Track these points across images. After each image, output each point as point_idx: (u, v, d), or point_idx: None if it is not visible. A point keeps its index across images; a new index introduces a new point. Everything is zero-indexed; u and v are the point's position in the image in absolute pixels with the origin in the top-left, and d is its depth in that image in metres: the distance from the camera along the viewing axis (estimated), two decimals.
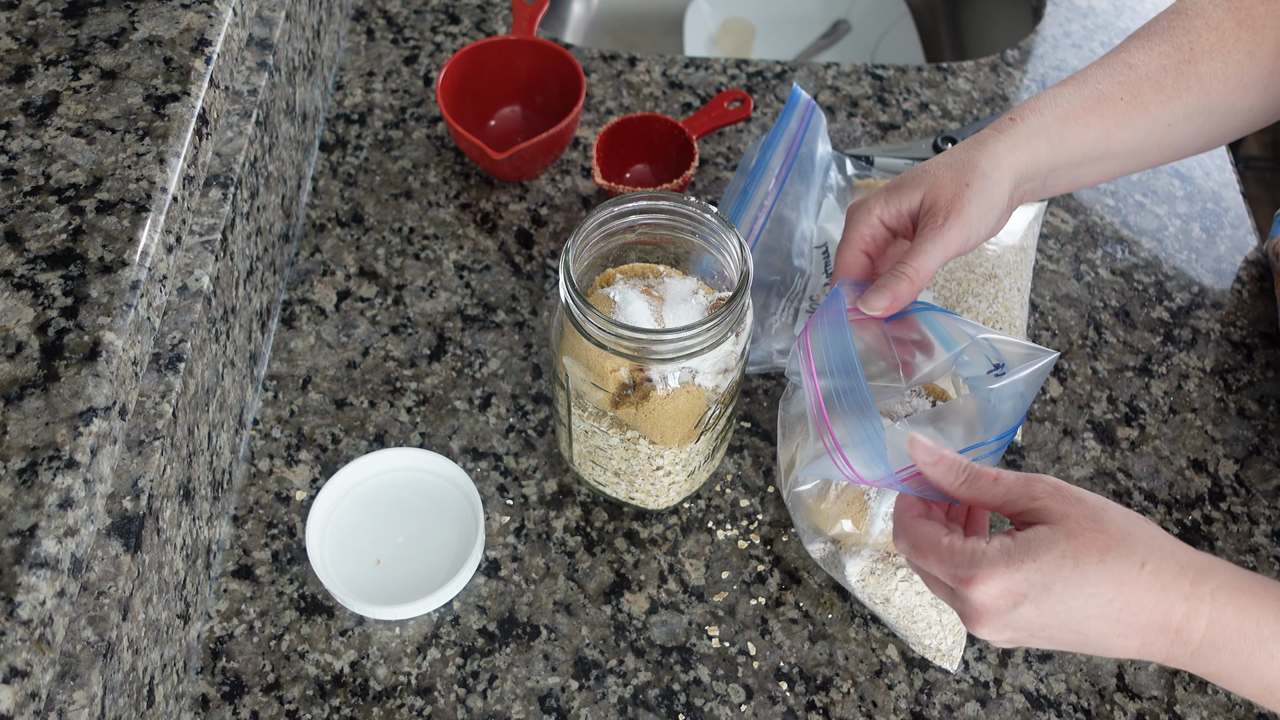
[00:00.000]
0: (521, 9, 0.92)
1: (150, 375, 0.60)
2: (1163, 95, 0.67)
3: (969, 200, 0.62)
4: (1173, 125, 0.68)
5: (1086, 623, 0.51)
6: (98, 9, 0.66)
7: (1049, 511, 0.52)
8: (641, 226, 0.64)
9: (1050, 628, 0.52)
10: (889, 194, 0.65)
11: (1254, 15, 0.68)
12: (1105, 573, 0.50)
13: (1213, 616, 0.50)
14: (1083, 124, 0.66)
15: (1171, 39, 0.68)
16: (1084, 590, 0.50)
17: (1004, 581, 0.50)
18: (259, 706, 0.65)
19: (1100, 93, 0.67)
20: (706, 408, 0.64)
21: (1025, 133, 0.65)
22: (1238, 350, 0.83)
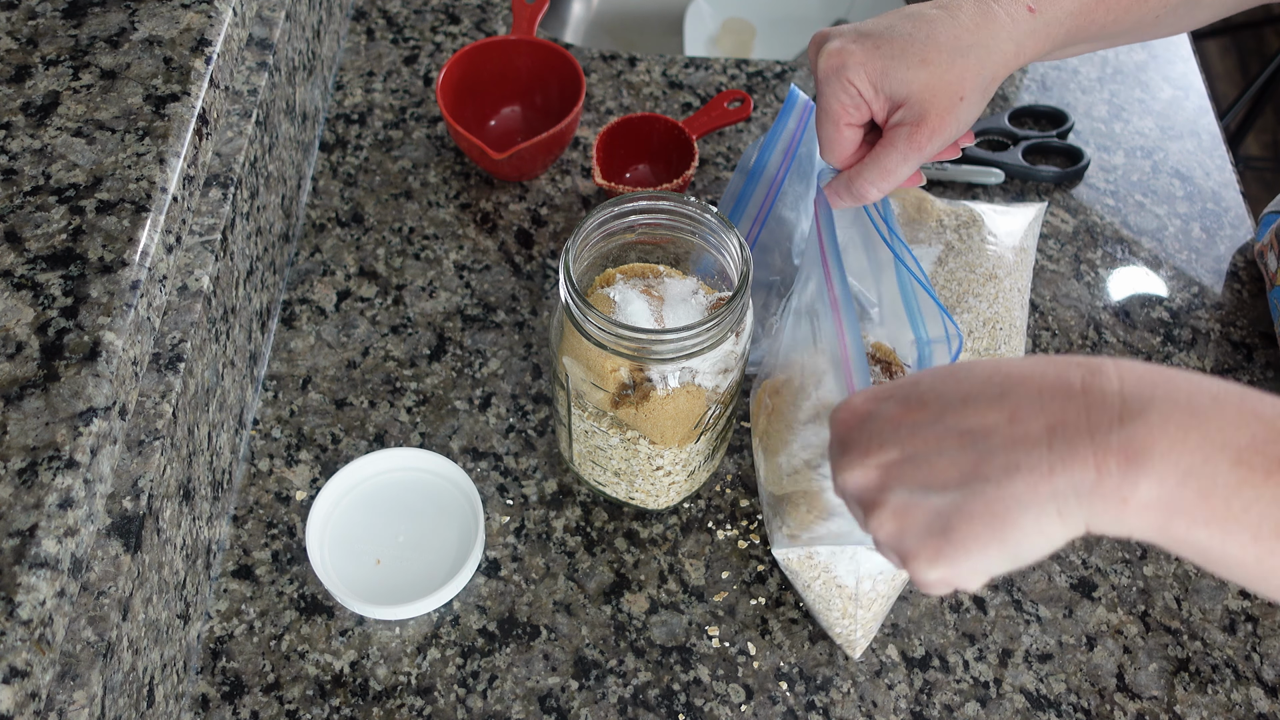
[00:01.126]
0: (521, 9, 0.92)
1: (150, 375, 0.60)
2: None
3: (956, 115, 0.57)
4: (1161, 17, 0.63)
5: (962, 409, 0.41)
6: (98, 9, 0.66)
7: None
8: (641, 226, 0.64)
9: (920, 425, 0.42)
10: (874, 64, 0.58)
11: None
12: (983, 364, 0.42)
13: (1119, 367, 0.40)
14: (1089, 18, 0.60)
15: None
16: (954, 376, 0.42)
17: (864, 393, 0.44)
18: (259, 706, 0.65)
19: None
20: (706, 408, 0.64)
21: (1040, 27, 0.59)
22: (1238, 350, 0.83)
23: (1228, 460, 0.37)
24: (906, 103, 0.58)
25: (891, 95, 0.58)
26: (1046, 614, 0.71)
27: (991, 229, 0.81)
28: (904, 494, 0.42)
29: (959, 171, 0.91)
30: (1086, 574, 0.72)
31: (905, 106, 0.58)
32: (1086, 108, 0.98)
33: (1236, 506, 0.37)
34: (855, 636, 0.67)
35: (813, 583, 0.66)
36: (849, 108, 0.60)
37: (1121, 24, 0.63)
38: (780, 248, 0.80)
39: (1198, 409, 0.38)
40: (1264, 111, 1.89)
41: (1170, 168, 0.94)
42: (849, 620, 0.66)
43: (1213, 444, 0.37)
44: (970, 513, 0.40)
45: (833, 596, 0.66)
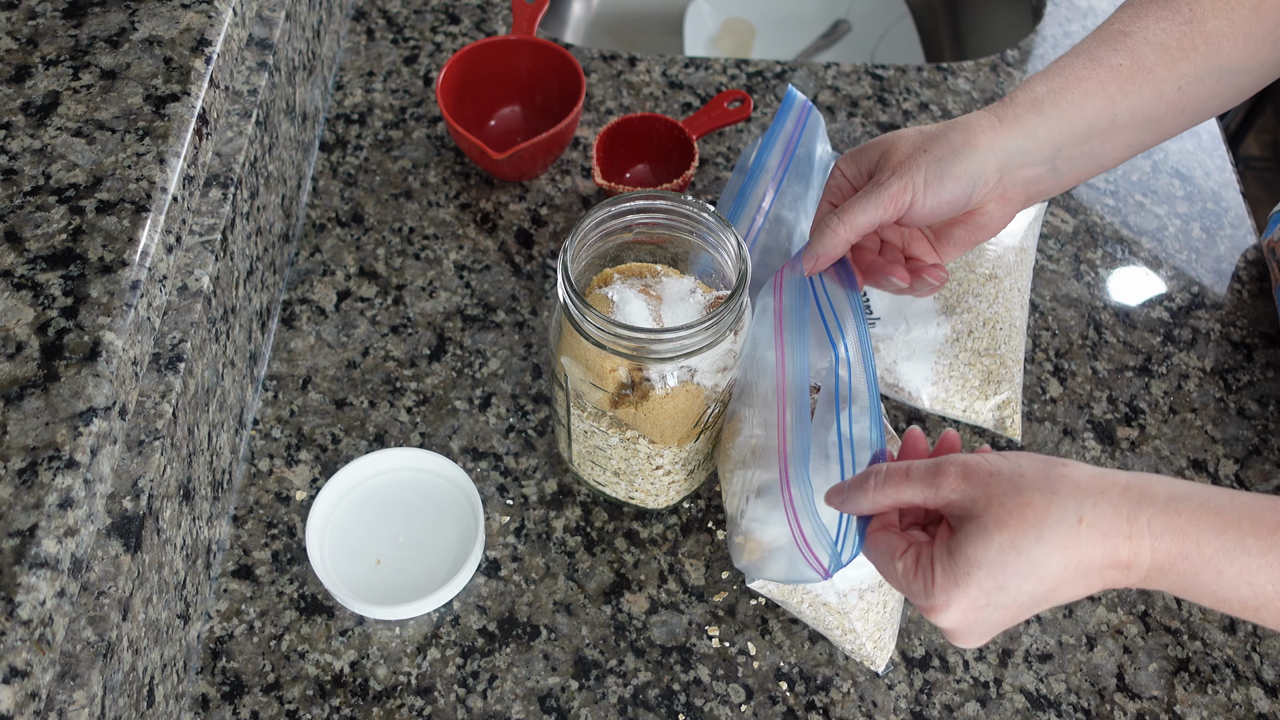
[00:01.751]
0: (521, 9, 0.92)
1: (150, 375, 0.60)
2: (1167, 57, 0.62)
3: (920, 164, 0.60)
4: (1183, 88, 0.63)
5: (1050, 595, 0.50)
6: (98, 9, 0.66)
7: (968, 502, 0.50)
8: (639, 226, 0.64)
9: (1022, 612, 0.51)
10: (856, 152, 0.64)
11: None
12: (1049, 548, 0.48)
13: (1154, 547, 0.49)
14: (1081, 93, 0.62)
15: (1168, 3, 0.63)
16: (1035, 574, 0.49)
17: (961, 603, 0.50)
18: (259, 706, 0.65)
19: (1096, 59, 0.62)
20: (706, 406, 0.64)
21: (1014, 111, 0.62)
22: (1238, 350, 0.83)
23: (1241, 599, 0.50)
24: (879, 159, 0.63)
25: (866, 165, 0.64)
26: (1046, 614, 0.71)
27: None
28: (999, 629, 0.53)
29: None
30: None
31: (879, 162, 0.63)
32: None
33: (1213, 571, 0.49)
34: (866, 650, 0.66)
35: (801, 606, 0.66)
36: (833, 189, 0.65)
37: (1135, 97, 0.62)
38: (779, 248, 0.80)
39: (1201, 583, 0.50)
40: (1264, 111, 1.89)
41: (1170, 168, 0.94)
42: (851, 636, 0.65)
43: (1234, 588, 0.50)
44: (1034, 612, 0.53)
45: (824, 616, 0.65)
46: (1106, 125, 0.63)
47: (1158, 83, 0.62)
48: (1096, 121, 0.62)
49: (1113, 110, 0.62)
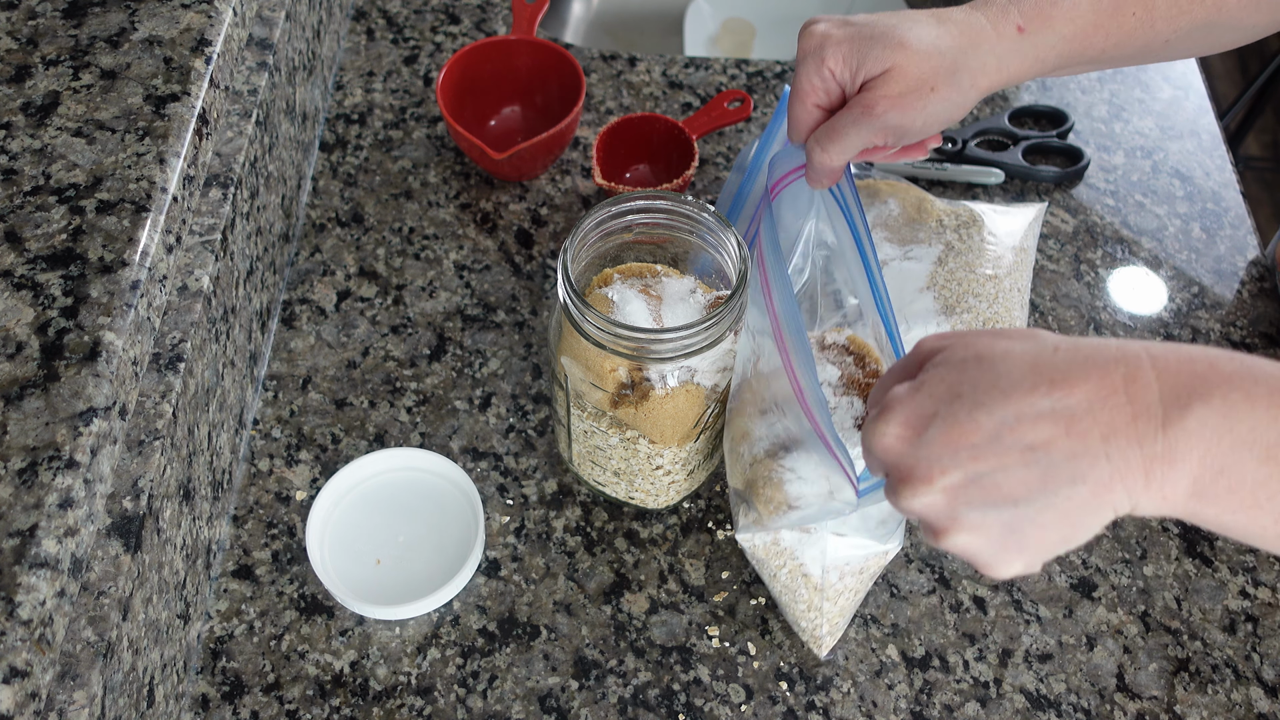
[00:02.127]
0: (521, 9, 0.92)
1: (150, 375, 0.60)
2: (1174, 10, 0.61)
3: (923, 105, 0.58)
4: (1171, 41, 0.63)
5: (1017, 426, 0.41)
6: (98, 9, 0.66)
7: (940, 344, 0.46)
8: (639, 226, 0.64)
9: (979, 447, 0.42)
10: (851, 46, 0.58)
11: None
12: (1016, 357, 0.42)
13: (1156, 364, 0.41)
14: (1087, 43, 0.60)
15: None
16: (997, 385, 0.42)
17: (901, 412, 0.43)
18: (259, 706, 0.65)
19: (1116, 4, 0.60)
20: (706, 406, 0.64)
21: (1029, 49, 0.59)
22: (1238, 350, 0.83)
23: (1256, 457, 0.40)
24: (876, 76, 0.58)
25: (867, 75, 0.58)
26: (1046, 614, 0.71)
27: (991, 229, 0.81)
28: (975, 514, 0.43)
29: (959, 171, 0.91)
30: (1086, 574, 0.72)
31: (874, 79, 0.58)
32: (1086, 108, 0.98)
33: (1262, 496, 0.41)
34: (821, 632, 0.67)
35: (779, 571, 0.66)
36: (819, 89, 0.60)
37: (1125, 48, 0.62)
38: None
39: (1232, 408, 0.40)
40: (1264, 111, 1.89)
41: (1170, 168, 0.94)
42: (815, 614, 0.66)
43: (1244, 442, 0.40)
44: (1044, 522, 0.43)
45: (799, 587, 0.65)
46: (1087, 62, 0.62)
47: (1149, 37, 0.62)
48: (1078, 60, 0.61)
49: (1100, 58, 0.62)
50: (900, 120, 0.58)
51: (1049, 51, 0.60)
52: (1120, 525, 0.74)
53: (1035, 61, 0.60)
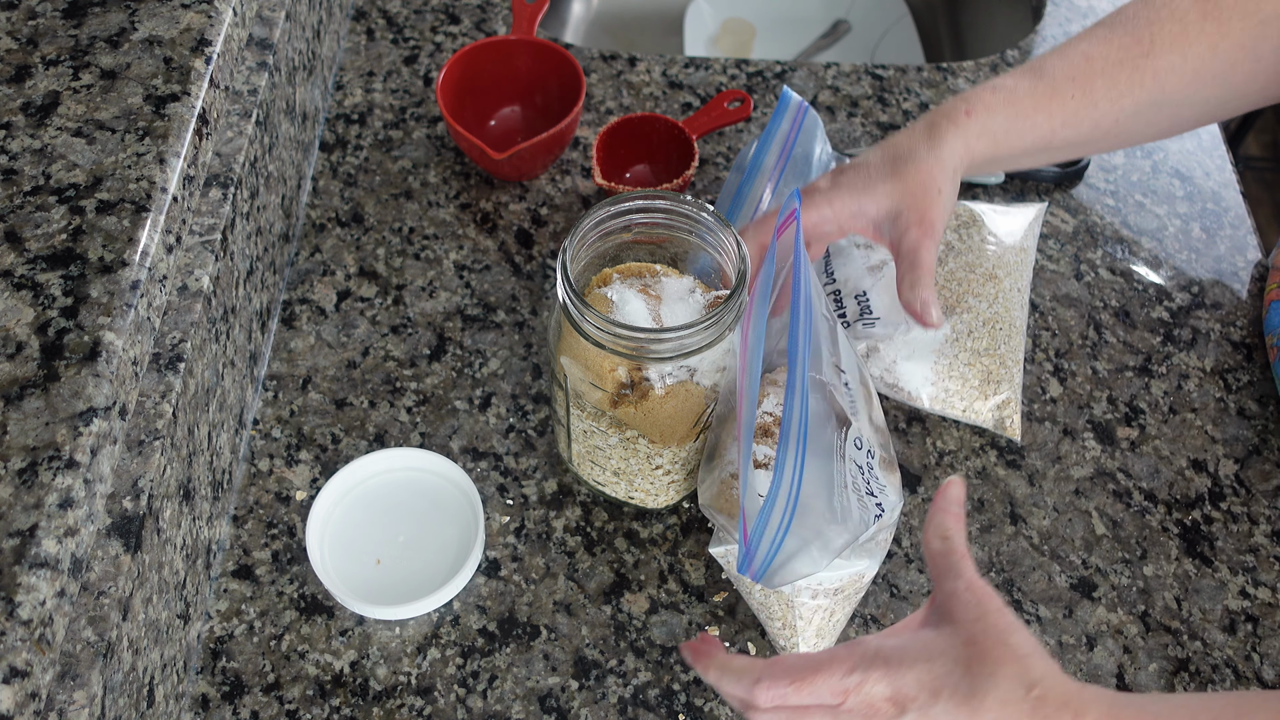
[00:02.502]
0: (521, 9, 0.92)
1: (150, 375, 0.60)
2: (1115, 91, 0.67)
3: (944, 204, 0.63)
4: (1120, 120, 0.68)
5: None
6: (98, 9, 0.66)
7: (962, 606, 0.49)
8: (638, 226, 0.64)
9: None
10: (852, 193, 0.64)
11: (1221, 6, 0.67)
12: (992, 689, 0.46)
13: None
14: (1030, 121, 0.66)
15: (1134, 30, 0.67)
16: (968, 706, 0.46)
17: (894, 682, 0.47)
18: (259, 706, 0.65)
19: (1053, 87, 0.67)
20: (705, 406, 0.64)
21: (977, 129, 0.65)
22: (1238, 350, 0.83)
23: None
24: (889, 213, 0.64)
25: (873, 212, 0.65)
26: (1046, 614, 0.71)
27: (991, 229, 0.81)
28: None
29: None
30: (1086, 574, 0.72)
31: (891, 217, 0.64)
32: None
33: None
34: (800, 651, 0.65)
35: (753, 589, 0.65)
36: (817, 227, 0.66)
37: (1075, 128, 0.67)
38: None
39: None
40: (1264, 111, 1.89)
41: (1170, 168, 0.94)
42: (790, 632, 0.64)
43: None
44: None
45: (772, 604, 0.64)
46: (1042, 147, 0.68)
47: (1098, 116, 0.67)
48: (1034, 145, 0.68)
49: (1051, 137, 0.68)
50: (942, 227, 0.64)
51: (1000, 133, 0.66)
52: (1120, 525, 0.74)
53: (990, 141, 0.66)
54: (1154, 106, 0.68)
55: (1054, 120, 0.67)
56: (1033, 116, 0.66)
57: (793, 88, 0.97)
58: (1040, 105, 0.67)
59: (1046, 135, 0.67)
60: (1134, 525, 0.75)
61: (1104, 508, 0.75)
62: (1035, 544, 0.73)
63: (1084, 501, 0.75)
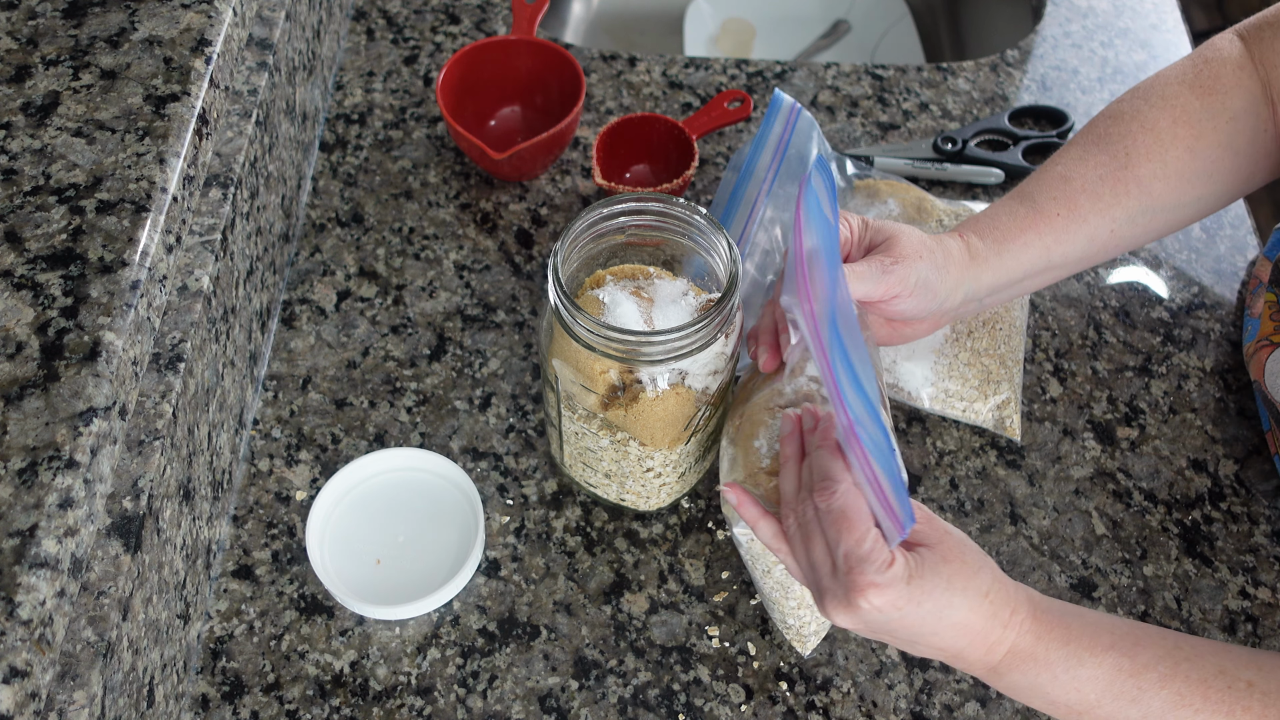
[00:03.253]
0: (521, 9, 0.92)
1: (150, 375, 0.61)
2: (1100, 204, 0.68)
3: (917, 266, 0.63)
4: (1115, 230, 0.69)
5: (928, 638, 0.55)
6: (98, 9, 0.66)
7: (928, 537, 0.55)
8: (631, 228, 0.64)
9: (895, 633, 0.55)
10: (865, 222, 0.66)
11: (1189, 110, 0.68)
12: (964, 599, 0.54)
13: (1015, 642, 0.55)
14: (1020, 244, 0.68)
15: (1108, 147, 0.69)
16: (943, 614, 0.54)
17: (894, 594, 0.53)
18: (259, 706, 0.65)
19: (1036, 209, 0.68)
20: (696, 409, 0.64)
21: (969, 254, 0.67)
22: (1238, 350, 0.83)
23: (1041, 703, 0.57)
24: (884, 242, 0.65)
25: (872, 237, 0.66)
26: None
27: None
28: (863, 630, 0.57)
29: (959, 171, 0.91)
30: (1086, 574, 0.72)
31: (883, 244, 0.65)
32: (1086, 108, 0.98)
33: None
34: (808, 631, 0.66)
35: (773, 568, 0.65)
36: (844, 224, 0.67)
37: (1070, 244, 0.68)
38: (775, 248, 0.80)
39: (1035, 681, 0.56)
40: None
41: None
42: (805, 611, 0.65)
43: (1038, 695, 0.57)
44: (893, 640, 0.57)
45: (792, 583, 0.65)
46: (1041, 269, 0.69)
47: (1091, 230, 0.68)
48: (1032, 267, 0.69)
49: (1048, 257, 0.68)
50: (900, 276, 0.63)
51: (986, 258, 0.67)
52: (1120, 525, 0.74)
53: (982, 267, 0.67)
54: (1145, 213, 0.69)
55: (1045, 239, 0.68)
56: (1021, 237, 0.68)
57: (793, 88, 0.97)
58: (1026, 226, 0.68)
59: (1041, 255, 0.68)
60: (1134, 525, 0.75)
61: (1104, 508, 0.75)
62: (1035, 544, 0.73)
63: (1084, 501, 0.75)
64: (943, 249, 0.66)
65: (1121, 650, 0.55)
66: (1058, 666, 0.55)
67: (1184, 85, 0.69)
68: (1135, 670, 0.55)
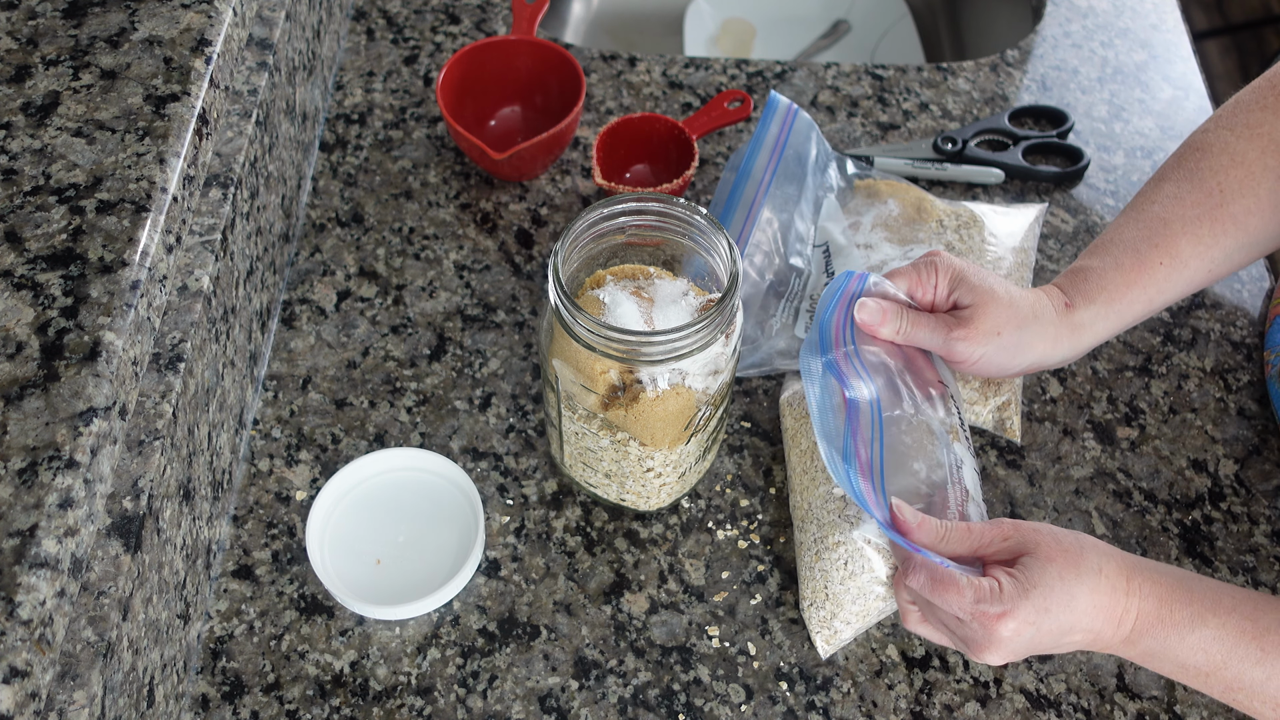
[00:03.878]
0: (521, 9, 0.92)
1: (150, 375, 0.60)
2: (1200, 246, 0.68)
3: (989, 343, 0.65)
4: (1212, 269, 0.69)
5: (1069, 633, 0.58)
6: (98, 9, 0.66)
7: (1024, 544, 0.58)
8: (631, 228, 0.64)
9: (1044, 641, 0.58)
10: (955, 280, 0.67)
11: (1275, 137, 0.67)
12: (1081, 586, 0.57)
13: (1140, 607, 0.57)
14: (1127, 302, 0.68)
15: (1200, 182, 0.68)
16: (1071, 606, 0.56)
17: (1020, 614, 0.56)
18: (259, 706, 0.65)
19: (1140, 260, 0.68)
20: (696, 409, 0.64)
21: (1073, 325, 0.68)
22: (1238, 350, 0.83)
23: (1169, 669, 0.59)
24: (966, 309, 0.67)
25: (958, 300, 0.67)
26: None
27: (992, 230, 0.81)
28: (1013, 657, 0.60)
29: (959, 171, 0.91)
30: None
31: (961, 310, 0.67)
32: (1086, 108, 0.98)
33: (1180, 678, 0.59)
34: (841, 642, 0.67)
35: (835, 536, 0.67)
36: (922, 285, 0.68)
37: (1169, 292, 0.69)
38: (775, 249, 0.80)
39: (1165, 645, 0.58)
40: None
41: None
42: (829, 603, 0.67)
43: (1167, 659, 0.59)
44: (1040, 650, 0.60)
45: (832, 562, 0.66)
46: (1144, 314, 0.70)
47: (1191, 273, 0.69)
48: (1139, 316, 0.70)
49: (1150, 307, 0.69)
50: (964, 351, 0.66)
51: (1097, 323, 0.68)
52: (1120, 525, 0.74)
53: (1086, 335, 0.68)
54: (1241, 249, 0.69)
55: (1149, 290, 0.68)
56: (1128, 293, 0.68)
57: (793, 88, 0.97)
58: (1133, 281, 0.68)
59: (1145, 307, 0.69)
60: (1134, 525, 0.75)
61: (1104, 508, 0.75)
62: None
63: (1084, 501, 0.75)
64: (1032, 328, 0.66)
65: (1243, 613, 0.57)
66: (1184, 627, 0.57)
67: (1266, 110, 0.68)
68: (1258, 633, 0.56)
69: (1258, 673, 0.56)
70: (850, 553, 0.65)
